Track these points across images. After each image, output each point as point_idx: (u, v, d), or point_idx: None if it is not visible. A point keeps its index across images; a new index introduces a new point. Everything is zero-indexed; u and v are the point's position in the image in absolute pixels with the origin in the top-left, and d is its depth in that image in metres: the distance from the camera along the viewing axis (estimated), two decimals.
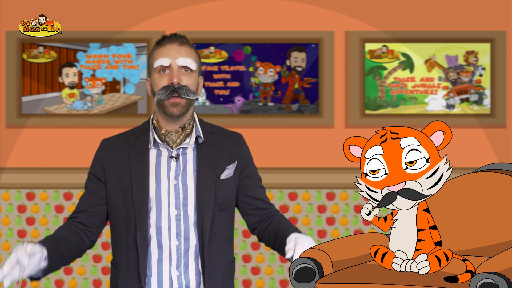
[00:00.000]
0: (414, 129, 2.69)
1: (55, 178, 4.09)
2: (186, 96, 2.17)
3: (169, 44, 2.23)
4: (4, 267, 1.90)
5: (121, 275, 2.23)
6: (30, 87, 4.10)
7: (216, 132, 2.28)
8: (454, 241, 3.14)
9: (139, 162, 2.22)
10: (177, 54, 2.20)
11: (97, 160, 2.28)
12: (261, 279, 4.10)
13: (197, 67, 2.24)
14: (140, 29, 4.09)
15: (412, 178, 2.57)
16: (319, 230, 4.10)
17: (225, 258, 2.26)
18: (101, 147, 2.31)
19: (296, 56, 4.11)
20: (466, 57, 4.10)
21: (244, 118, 4.10)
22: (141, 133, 2.27)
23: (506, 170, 3.38)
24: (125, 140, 2.28)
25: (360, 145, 2.73)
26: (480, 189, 3.30)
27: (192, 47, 2.27)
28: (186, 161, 2.22)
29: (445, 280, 2.74)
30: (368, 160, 2.68)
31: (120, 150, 2.26)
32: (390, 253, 2.75)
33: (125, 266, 2.22)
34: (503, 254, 2.89)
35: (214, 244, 2.20)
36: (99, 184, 2.25)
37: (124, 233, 2.22)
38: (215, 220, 2.19)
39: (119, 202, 2.21)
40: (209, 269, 2.18)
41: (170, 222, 2.17)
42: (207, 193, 2.16)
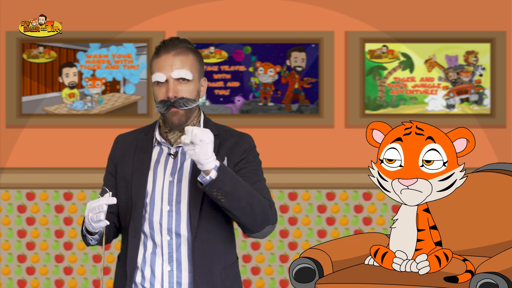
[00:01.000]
0: (440, 130, 2.68)
1: (55, 178, 4.09)
2: (183, 107, 2.18)
3: (164, 55, 2.21)
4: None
5: (119, 265, 2.33)
6: (30, 87, 4.10)
7: (221, 134, 2.28)
8: (454, 241, 3.15)
9: (141, 158, 2.27)
10: (172, 66, 2.20)
11: (110, 156, 2.39)
12: (261, 279, 4.10)
13: (194, 75, 2.23)
14: (140, 29, 4.09)
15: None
16: (319, 230, 4.10)
17: (224, 259, 2.26)
18: (114, 143, 2.40)
19: (296, 56, 4.11)
20: (466, 57, 4.10)
21: (244, 118, 4.10)
22: (149, 131, 2.32)
23: (506, 170, 3.38)
24: (135, 136, 2.35)
25: (383, 131, 2.71)
26: (480, 189, 3.31)
27: (191, 51, 2.25)
28: (184, 159, 2.24)
29: (445, 280, 2.74)
30: (387, 148, 2.66)
31: (128, 145, 2.34)
32: (390, 253, 2.75)
33: (122, 256, 2.31)
34: (503, 254, 2.89)
35: (209, 243, 2.21)
36: (112, 180, 2.33)
37: (123, 225, 2.30)
38: (209, 219, 2.21)
39: (122, 194, 2.27)
40: (201, 268, 2.19)
41: (162, 217, 2.21)
42: (200, 191, 2.18)
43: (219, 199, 2.09)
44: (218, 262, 2.24)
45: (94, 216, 2.08)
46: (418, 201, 2.60)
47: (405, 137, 2.64)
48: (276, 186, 4.06)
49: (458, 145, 2.63)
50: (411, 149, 2.61)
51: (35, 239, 4.09)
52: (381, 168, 2.67)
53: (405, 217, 2.68)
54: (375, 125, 2.75)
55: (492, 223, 3.20)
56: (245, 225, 2.19)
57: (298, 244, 4.10)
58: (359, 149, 3.68)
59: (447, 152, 2.62)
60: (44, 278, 4.09)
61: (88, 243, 2.24)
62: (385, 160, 2.64)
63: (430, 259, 2.67)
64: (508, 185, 3.26)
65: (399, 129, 2.69)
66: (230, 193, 2.08)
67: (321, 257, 3.08)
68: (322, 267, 3.05)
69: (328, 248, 3.14)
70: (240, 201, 2.11)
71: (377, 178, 2.68)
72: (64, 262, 4.10)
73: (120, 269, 2.30)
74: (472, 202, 3.30)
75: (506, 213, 3.21)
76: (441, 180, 2.57)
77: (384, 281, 2.68)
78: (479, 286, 2.69)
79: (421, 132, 2.66)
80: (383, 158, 2.65)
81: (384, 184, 2.67)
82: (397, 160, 2.62)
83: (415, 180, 2.58)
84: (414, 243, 2.66)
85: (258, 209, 2.16)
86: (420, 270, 2.70)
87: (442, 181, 2.58)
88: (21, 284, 4.10)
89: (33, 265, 4.09)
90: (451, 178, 2.59)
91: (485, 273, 2.69)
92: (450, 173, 2.61)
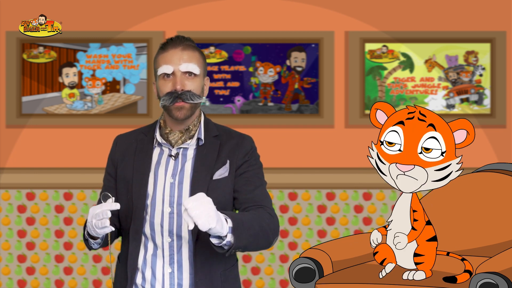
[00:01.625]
0: (442, 118, 2.67)
1: (55, 178, 4.09)
2: (190, 101, 2.19)
3: (172, 50, 2.24)
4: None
5: (119, 266, 2.32)
6: (30, 87, 4.10)
7: (221, 135, 2.29)
8: (453, 241, 3.15)
9: (142, 159, 2.27)
10: (180, 60, 2.22)
11: (110, 156, 2.37)
12: (261, 279, 4.10)
13: (201, 70, 2.25)
14: (140, 29, 4.09)
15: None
16: (319, 230, 4.10)
17: (224, 261, 2.26)
18: (113, 143, 2.39)
19: (296, 56, 4.11)
20: (466, 57, 4.10)
21: (244, 118, 4.10)
22: (149, 131, 2.32)
23: (506, 170, 3.38)
24: (135, 136, 2.34)
25: (386, 112, 2.70)
26: (480, 189, 3.31)
27: (196, 49, 2.28)
28: (185, 161, 2.24)
29: (444, 280, 2.74)
30: (389, 131, 2.65)
31: (128, 146, 2.33)
32: (388, 259, 2.74)
33: (122, 257, 2.30)
34: (503, 254, 2.89)
35: (210, 245, 2.20)
36: (112, 181, 2.33)
37: (123, 226, 2.29)
38: None
39: (122, 195, 2.26)
40: (202, 270, 2.19)
41: (163, 219, 2.21)
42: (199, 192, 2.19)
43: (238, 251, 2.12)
44: (218, 265, 2.24)
45: (99, 222, 2.06)
46: (412, 189, 2.59)
47: (408, 121, 2.63)
48: (276, 186, 4.06)
49: (458, 136, 2.62)
50: (412, 134, 2.60)
51: (35, 239, 4.09)
52: (380, 150, 2.65)
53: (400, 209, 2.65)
54: (379, 105, 2.72)
55: (492, 223, 3.20)
56: (257, 250, 2.32)
57: (298, 244, 4.10)
58: (359, 149, 3.67)
59: (447, 142, 2.61)
60: (44, 278, 4.09)
61: (91, 247, 2.23)
62: (385, 143, 2.63)
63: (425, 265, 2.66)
64: (508, 185, 3.26)
65: (402, 112, 2.67)
66: (247, 245, 2.09)
67: (321, 257, 3.08)
68: (322, 267, 3.05)
69: (328, 248, 3.14)
70: (253, 243, 2.12)
71: (375, 160, 2.67)
72: (64, 262, 4.10)
73: (121, 270, 2.29)
74: (472, 202, 3.30)
75: (506, 213, 3.21)
76: (438, 170, 2.56)
77: (384, 281, 2.67)
78: (479, 286, 2.69)
79: (423, 118, 2.65)
80: (384, 140, 2.63)
81: (381, 167, 2.65)
82: (397, 144, 2.61)
83: (412, 166, 2.56)
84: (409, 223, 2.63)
85: (267, 235, 2.17)
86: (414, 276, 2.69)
87: (438, 171, 2.57)
88: (21, 284, 4.10)
89: (33, 265, 4.09)
90: (448, 169, 2.58)
91: (485, 273, 2.69)
92: (447, 164, 2.60)
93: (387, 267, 2.68)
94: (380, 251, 2.70)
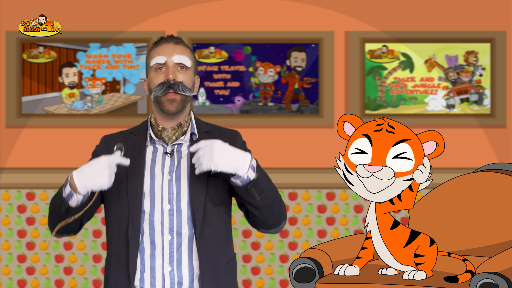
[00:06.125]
0: (411, 130, 2.68)
1: (55, 178, 4.08)
2: (182, 92, 2.22)
3: (165, 44, 2.30)
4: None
5: (112, 269, 2.27)
6: (30, 87, 4.10)
7: (212, 131, 2.32)
8: (454, 241, 3.15)
9: (135, 158, 2.27)
10: (173, 52, 2.27)
11: (96, 154, 2.32)
12: (261, 279, 4.10)
13: (192, 64, 2.30)
14: (140, 29, 4.09)
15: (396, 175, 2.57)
16: (319, 230, 4.10)
17: (226, 254, 2.27)
18: (101, 142, 2.38)
19: (296, 56, 4.11)
20: (466, 57, 4.10)
21: (244, 118, 4.10)
22: (140, 131, 2.33)
23: (506, 170, 3.38)
24: (124, 137, 2.34)
25: (354, 124, 2.72)
26: (480, 189, 3.31)
27: (188, 47, 2.35)
28: (180, 157, 2.25)
29: (445, 280, 2.74)
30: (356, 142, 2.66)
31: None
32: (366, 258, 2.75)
33: (116, 260, 2.25)
34: (503, 254, 2.89)
35: (212, 239, 2.22)
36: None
37: (115, 227, 2.25)
38: (211, 215, 2.22)
39: (112, 197, 2.25)
40: (207, 264, 2.20)
41: (163, 216, 2.21)
42: (199, 188, 2.21)
43: (255, 197, 2.15)
44: (222, 258, 2.26)
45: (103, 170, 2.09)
46: (380, 189, 2.59)
47: (375, 134, 2.64)
48: (276, 186, 4.05)
49: (427, 148, 2.63)
50: (380, 146, 2.61)
51: (35, 239, 4.09)
52: (347, 160, 2.66)
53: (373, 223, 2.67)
54: (346, 117, 2.75)
55: (492, 223, 3.20)
56: (268, 221, 2.25)
57: (298, 244, 4.10)
58: None
59: (416, 153, 2.62)
60: (44, 278, 4.09)
61: (62, 206, 2.13)
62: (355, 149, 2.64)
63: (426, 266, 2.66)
64: (508, 185, 3.27)
65: (370, 124, 2.69)
66: (265, 190, 2.17)
67: (321, 257, 3.08)
68: (322, 267, 3.06)
69: (328, 248, 3.14)
70: (270, 198, 2.20)
71: (343, 170, 2.68)
72: (64, 262, 4.10)
73: (115, 273, 2.24)
74: (472, 202, 3.30)
75: (506, 213, 3.21)
76: (406, 180, 2.57)
77: (384, 281, 2.68)
78: (479, 286, 2.69)
79: (392, 130, 2.66)
80: (351, 152, 2.65)
81: (349, 177, 2.66)
82: (365, 154, 2.62)
83: (381, 167, 2.57)
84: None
85: (281, 205, 2.26)
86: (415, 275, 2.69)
87: (406, 181, 2.58)
88: (21, 284, 4.10)
89: (33, 265, 4.09)
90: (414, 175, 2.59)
91: (485, 273, 2.69)
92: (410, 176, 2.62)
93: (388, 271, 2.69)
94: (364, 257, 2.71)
